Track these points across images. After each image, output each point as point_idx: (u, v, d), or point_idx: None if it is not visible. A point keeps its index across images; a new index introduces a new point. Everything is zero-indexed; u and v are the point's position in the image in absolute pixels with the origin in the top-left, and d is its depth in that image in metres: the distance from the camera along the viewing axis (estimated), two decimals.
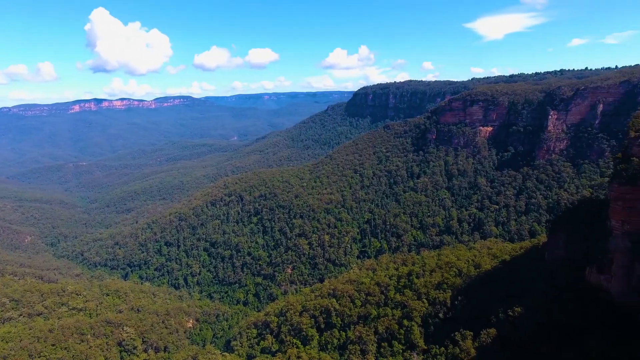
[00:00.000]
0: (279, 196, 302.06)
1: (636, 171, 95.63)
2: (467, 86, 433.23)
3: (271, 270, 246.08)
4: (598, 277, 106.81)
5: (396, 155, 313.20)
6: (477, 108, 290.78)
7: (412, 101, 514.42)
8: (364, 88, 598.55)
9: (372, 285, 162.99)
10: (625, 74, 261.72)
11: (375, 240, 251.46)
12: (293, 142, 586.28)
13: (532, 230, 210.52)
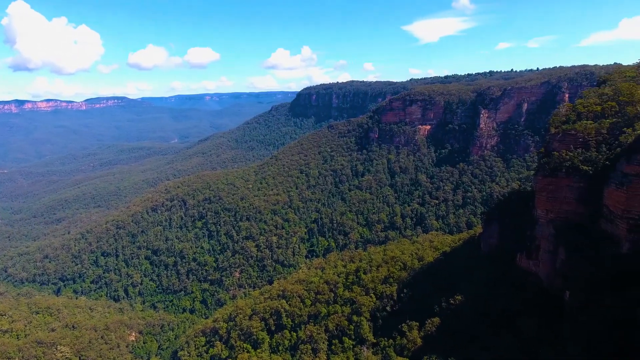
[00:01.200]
0: (224, 199, 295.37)
1: (557, 164, 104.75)
2: (406, 87, 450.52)
3: (218, 275, 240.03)
4: (527, 262, 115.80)
5: (341, 155, 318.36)
6: (415, 108, 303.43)
7: (354, 101, 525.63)
8: (307, 88, 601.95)
9: (322, 283, 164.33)
10: (545, 75, 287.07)
11: (323, 239, 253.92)
12: (237, 143, 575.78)
13: (469, 222, 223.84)
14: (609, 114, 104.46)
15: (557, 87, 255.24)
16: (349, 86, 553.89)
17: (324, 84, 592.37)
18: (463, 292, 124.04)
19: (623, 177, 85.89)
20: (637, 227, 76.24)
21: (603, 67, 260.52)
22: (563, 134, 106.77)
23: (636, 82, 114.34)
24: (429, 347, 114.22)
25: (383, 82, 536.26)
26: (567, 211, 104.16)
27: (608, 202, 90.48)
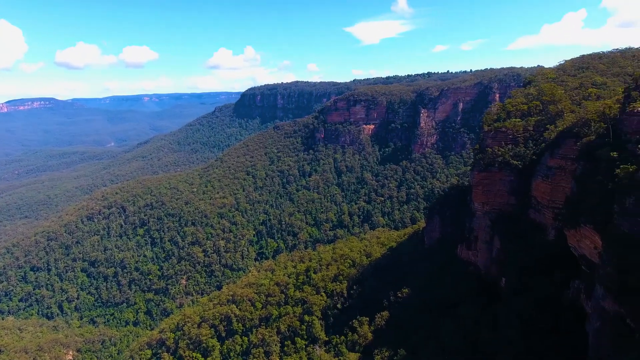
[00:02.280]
0: (167, 204, 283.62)
1: (490, 160, 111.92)
2: (349, 87, 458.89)
3: (163, 284, 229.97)
4: (467, 253, 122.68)
5: (287, 155, 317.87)
6: (359, 107, 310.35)
7: (299, 101, 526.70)
8: (252, 89, 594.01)
9: (272, 285, 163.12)
10: (478, 76, 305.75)
11: (272, 241, 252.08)
12: (179, 145, 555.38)
13: (413, 217, 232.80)
14: (534, 112, 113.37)
15: (488, 88, 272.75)
16: (293, 87, 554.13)
17: (268, 85, 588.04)
18: (409, 284, 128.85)
19: (548, 170, 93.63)
20: (560, 216, 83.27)
21: (528, 69, 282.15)
22: (495, 131, 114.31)
23: (556, 83, 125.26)
24: (379, 340, 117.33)
25: (327, 83, 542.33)
26: (501, 203, 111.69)
27: (536, 194, 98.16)
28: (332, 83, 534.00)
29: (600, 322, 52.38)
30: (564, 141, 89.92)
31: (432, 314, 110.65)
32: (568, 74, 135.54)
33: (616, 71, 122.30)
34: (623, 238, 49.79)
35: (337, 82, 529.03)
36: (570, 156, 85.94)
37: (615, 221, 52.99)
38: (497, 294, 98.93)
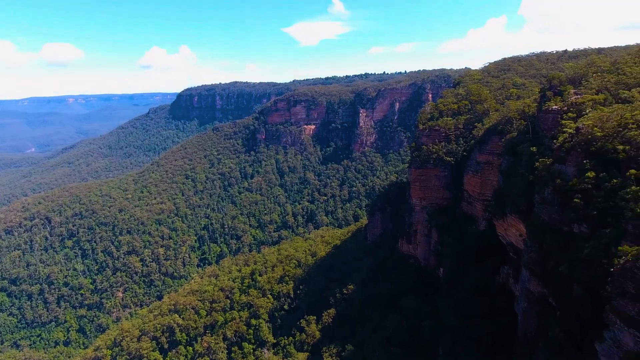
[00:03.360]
0: (99, 213, 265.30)
1: (426, 157, 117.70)
2: (289, 87, 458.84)
3: (97, 298, 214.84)
4: (408, 246, 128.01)
5: (228, 157, 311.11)
6: (300, 108, 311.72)
7: (239, 102, 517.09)
8: (188, 89, 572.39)
9: (216, 291, 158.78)
10: (412, 77, 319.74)
11: (215, 246, 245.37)
12: (111, 150, 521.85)
13: (356, 214, 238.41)
14: (464, 111, 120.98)
15: (422, 88, 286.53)
16: (232, 87, 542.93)
17: (206, 85, 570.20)
18: (354, 281, 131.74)
19: (477, 165, 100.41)
20: (489, 207, 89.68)
21: (457, 71, 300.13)
22: (429, 129, 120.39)
23: (482, 83, 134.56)
24: (327, 338, 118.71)
25: (267, 83, 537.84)
26: (437, 197, 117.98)
27: (467, 187, 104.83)
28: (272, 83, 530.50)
29: (527, 302, 57.10)
30: (490, 138, 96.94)
31: (376, 307, 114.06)
32: (492, 75, 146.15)
33: (533, 73, 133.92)
34: (543, 225, 54.63)
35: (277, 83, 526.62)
36: (496, 152, 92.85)
37: (536, 210, 58.03)
38: (437, 284, 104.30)
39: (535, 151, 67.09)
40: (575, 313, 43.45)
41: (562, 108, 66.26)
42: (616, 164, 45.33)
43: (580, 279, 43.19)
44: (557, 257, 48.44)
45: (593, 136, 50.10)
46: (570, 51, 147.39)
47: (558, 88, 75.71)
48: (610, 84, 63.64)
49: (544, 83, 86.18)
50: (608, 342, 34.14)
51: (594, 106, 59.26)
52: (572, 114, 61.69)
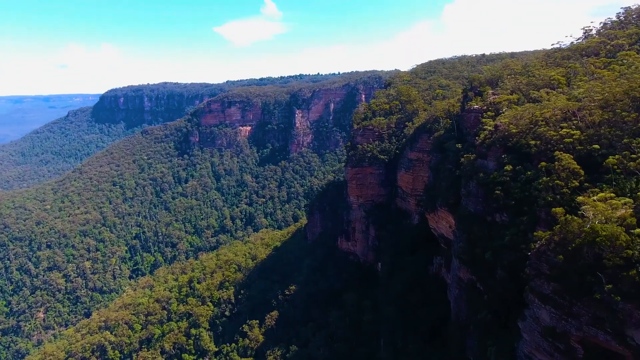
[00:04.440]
0: (12, 227, 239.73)
1: (361, 156, 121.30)
2: (223, 88, 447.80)
3: (14, 322, 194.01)
4: (347, 244, 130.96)
5: (160, 162, 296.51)
6: (234, 109, 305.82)
7: (169, 104, 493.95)
8: (113, 90, 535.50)
9: (152, 303, 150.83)
10: (346, 78, 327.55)
11: (148, 255, 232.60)
12: (24, 157, 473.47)
13: (295, 215, 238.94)
14: (395, 111, 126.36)
15: (355, 89, 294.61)
16: (162, 88, 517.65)
17: (132, 86, 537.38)
18: (295, 281, 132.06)
19: (409, 162, 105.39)
20: (421, 202, 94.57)
21: (387, 72, 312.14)
22: (363, 129, 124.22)
23: (411, 84, 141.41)
24: (271, 341, 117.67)
25: (199, 84, 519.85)
26: (373, 195, 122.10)
27: (401, 184, 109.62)
28: (205, 84, 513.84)
29: (458, 289, 61.02)
30: (419, 136, 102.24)
31: (319, 305, 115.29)
32: (419, 77, 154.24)
33: (456, 75, 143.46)
34: (469, 216, 58.72)
35: (210, 84, 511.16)
36: (425, 149, 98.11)
37: (462, 202, 62.23)
38: (376, 278, 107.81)
39: (460, 148, 71.97)
40: (500, 296, 47.18)
41: (482, 107, 71.67)
42: (529, 158, 49.90)
43: (503, 264, 46.98)
44: (483, 245, 52.26)
45: (509, 133, 54.71)
46: (488, 55, 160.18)
47: (478, 89, 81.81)
48: (523, 85, 69.90)
49: (466, 84, 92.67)
50: (528, 319, 37.48)
51: (509, 105, 64.77)
52: (491, 113, 66.94)
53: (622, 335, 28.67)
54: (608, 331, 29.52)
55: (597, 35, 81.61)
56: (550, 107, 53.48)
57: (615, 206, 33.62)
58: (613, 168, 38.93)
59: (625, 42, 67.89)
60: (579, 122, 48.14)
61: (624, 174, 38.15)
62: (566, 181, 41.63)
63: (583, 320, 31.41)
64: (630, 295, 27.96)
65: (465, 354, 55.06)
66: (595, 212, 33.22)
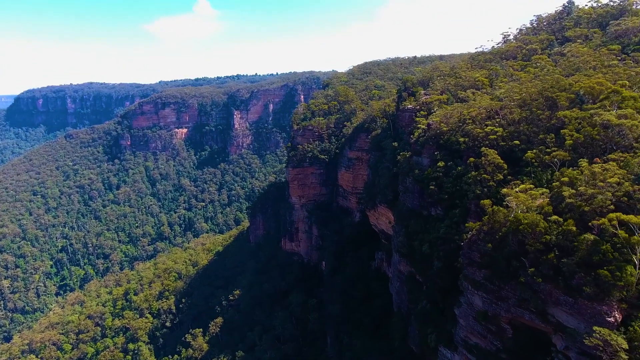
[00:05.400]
0: None
1: (302, 156, 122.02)
2: (156, 89, 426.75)
3: None
4: (290, 244, 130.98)
5: (87, 168, 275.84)
6: (169, 111, 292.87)
7: (96, 105, 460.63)
8: (30, 91, 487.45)
9: (83, 320, 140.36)
10: (284, 79, 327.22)
11: (77, 269, 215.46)
12: None
13: (237, 218, 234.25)
14: (334, 111, 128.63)
15: (294, 90, 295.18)
16: (87, 88, 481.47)
17: (53, 86, 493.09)
18: (240, 285, 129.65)
19: (348, 161, 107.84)
20: (362, 199, 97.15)
21: (325, 73, 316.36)
22: (303, 129, 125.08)
23: (348, 85, 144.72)
24: (216, 348, 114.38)
25: (129, 85, 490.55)
26: (315, 194, 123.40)
27: (341, 182, 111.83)
28: (135, 85, 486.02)
29: (399, 282, 63.49)
30: (358, 135, 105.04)
31: (265, 308, 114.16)
32: (356, 77, 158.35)
33: (390, 76, 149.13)
34: (407, 211, 61.35)
35: (141, 84, 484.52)
36: (364, 148, 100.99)
37: (400, 198, 64.85)
38: (320, 277, 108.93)
39: (396, 146, 74.98)
40: (437, 285, 49.81)
41: (415, 107, 75.23)
42: (459, 154, 53.18)
43: (439, 255, 49.68)
44: (420, 239, 54.89)
45: (441, 131, 57.92)
46: (419, 57, 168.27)
47: (411, 89, 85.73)
48: (451, 85, 74.38)
49: (400, 85, 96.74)
50: (464, 306, 39.96)
51: (440, 105, 68.59)
52: (423, 112, 70.47)
53: (544, 313, 31.51)
54: (532, 311, 32.29)
55: (514, 40, 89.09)
56: (476, 107, 57.45)
57: (534, 196, 36.92)
58: (531, 161, 42.69)
59: (538, 47, 74.79)
60: (501, 120, 52.17)
61: (540, 167, 41.98)
62: (492, 175, 44.99)
63: (511, 302, 34.09)
64: (549, 277, 30.81)
65: (407, 344, 57.45)
66: (518, 202, 36.22)
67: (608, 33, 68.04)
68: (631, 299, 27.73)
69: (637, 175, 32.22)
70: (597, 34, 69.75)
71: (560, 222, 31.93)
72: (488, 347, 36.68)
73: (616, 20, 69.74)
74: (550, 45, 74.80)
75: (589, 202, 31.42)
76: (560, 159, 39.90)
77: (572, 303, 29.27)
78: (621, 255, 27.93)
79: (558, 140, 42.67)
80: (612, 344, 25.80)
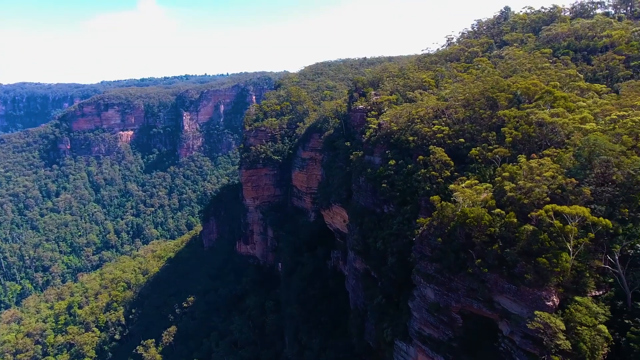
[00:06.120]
0: None
1: (255, 157, 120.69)
2: (97, 89, 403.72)
3: None
4: (245, 247, 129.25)
5: (21, 174, 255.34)
6: (113, 112, 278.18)
7: (31, 107, 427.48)
8: None
9: (21, 339, 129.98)
10: (235, 79, 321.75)
11: (12, 284, 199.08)
12: None
13: (189, 223, 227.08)
14: (286, 112, 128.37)
15: (245, 90, 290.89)
16: (19, 88, 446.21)
17: None
18: (194, 291, 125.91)
19: (302, 161, 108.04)
20: (316, 199, 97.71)
21: (277, 74, 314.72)
22: (256, 130, 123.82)
23: (300, 86, 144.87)
24: (170, 358, 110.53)
25: (68, 85, 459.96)
26: (269, 196, 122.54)
27: (296, 183, 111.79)
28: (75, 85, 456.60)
29: (355, 279, 64.49)
30: (311, 136, 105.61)
31: (220, 313, 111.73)
32: (308, 78, 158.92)
33: (341, 76, 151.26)
34: (360, 209, 62.47)
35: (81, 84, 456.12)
36: (317, 148, 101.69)
37: (354, 197, 65.93)
38: (277, 279, 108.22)
39: (349, 145, 76.15)
40: (392, 280, 51.13)
41: (366, 107, 76.83)
42: (409, 152, 55.01)
43: (393, 251, 51.03)
44: (374, 236, 56.09)
45: (391, 130, 59.59)
46: (369, 58, 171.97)
47: (362, 90, 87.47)
48: (400, 86, 76.72)
49: (351, 85, 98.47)
50: (417, 299, 41.31)
51: (390, 105, 70.52)
52: (374, 112, 72.13)
53: (491, 301, 33.29)
54: (480, 299, 34.00)
55: (457, 43, 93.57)
56: (424, 107, 59.71)
57: (479, 191, 38.95)
58: (476, 158, 45.12)
59: (479, 50, 78.98)
60: (447, 119, 54.62)
61: (484, 163, 44.44)
62: (440, 172, 47.01)
63: (460, 292, 35.68)
64: (494, 266, 32.60)
65: (364, 339, 58.50)
66: (464, 197, 38.05)
67: (540, 37, 73.36)
68: (567, 284, 29.96)
69: (568, 169, 34.89)
70: (531, 38, 75.01)
71: (503, 214, 33.91)
72: (440, 337, 38.15)
73: (547, 26, 75.38)
74: (490, 48, 79.36)
75: (528, 195, 33.60)
76: (501, 155, 42.49)
77: (515, 290, 31.13)
78: (557, 244, 30.10)
79: (499, 137, 45.43)
80: (551, 326, 27.70)
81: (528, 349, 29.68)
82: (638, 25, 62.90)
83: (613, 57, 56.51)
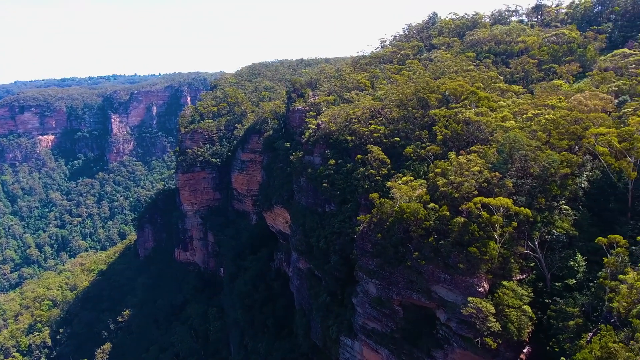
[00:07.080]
0: None
1: (192, 160, 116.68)
2: (11, 90, 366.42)
3: None
4: (185, 254, 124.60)
5: None
6: (30, 115, 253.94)
7: None
8: None
9: None
10: (168, 80, 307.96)
11: None
12: None
13: (122, 232, 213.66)
14: (224, 113, 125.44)
15: (179, 91, 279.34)
16: None
17: None
18: (129, 304, 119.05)
19: (242, 163, 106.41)
20: (257, 201, 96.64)
21: (213, 74, 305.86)
22: (192, 132, 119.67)
23: (237, 87, 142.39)
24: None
25: None
26: (208, 200, 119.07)
27: (236, 185, 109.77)
28: None
29: (299, 280, 64.62)
30: (250, 137, 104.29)
31: (160, 325, 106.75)
32: (245, 79, 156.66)
33: (279, 77, 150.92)
34: (302, 210, 62.78)
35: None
36: (257, 149, 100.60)
37: (295, 198, 66.11)
38: (220, 284, 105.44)
39: (289, 146, 76.16)
40: (335, 278, 51.92)
41: (305, 108, 77.42)
42: (348, 151, 56.30)
43: (335, 249, 51.90)
44: (317, 235, 56.65)
45: (330, 130, 60.55)
46: (306, 59, 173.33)
47: (300, 91, 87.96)
48: (337, 87, 78.22)
49: (289, 86, 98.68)
50: (360, 294, 42.35)
51: (328, 105, 71.63)
52: (313, 113, 72.88)
53: (429, 291, 35.00)
54: (419, 290, 35.62)
55: (390, 45, 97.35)
56: (361, 107, 61.39)
57: (415, 187, 40.86)
58: (410, 156, 47.33)
59: (410, 52, 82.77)
60: (383, 118, 56.65)
61: (418, 160, 46.74)
62: (378, 170, 48.68)
63: (400, 285, 37.13)
64: (430, 258, 34.32)
65: (310, 338, 58.82)
66: (401, 193, 39.71)
67: (465, 42, 78.61)
68: (495, 270, 32.34)
69: (493, 164, 37.68)
70: (457, 42, 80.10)
71: (437, 208, 35.82)
72: (384, 329, 39.41)
73: (470, 31, 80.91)
74: (420, 51, 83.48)
75: (458, 189, 35.79)
76: (433, 153, 44.95)
77: (450, 279, 33.02)
78: (485, 233, 32.38)
79: (431, 136, 48.05)
80: (483, 310, 29.75)
81: (463, 333, 31.63)
82: (548, 32, 69.55)
83: (528, 60, 62.18)
